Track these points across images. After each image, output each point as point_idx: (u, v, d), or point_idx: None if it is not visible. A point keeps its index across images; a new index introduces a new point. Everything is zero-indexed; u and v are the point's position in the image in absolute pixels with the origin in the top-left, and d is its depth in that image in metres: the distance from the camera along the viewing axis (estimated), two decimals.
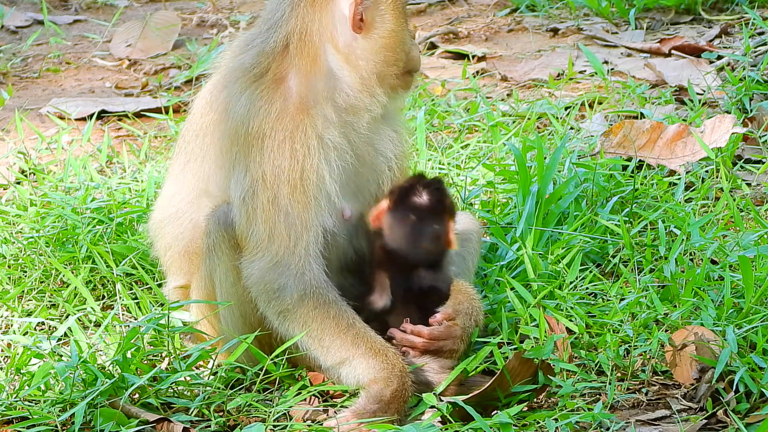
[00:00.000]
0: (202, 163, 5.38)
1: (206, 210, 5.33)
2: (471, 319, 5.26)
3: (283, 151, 5.13)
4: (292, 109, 5.16)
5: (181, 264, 5.49)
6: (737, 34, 8.87)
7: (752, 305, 5.42)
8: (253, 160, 5.15)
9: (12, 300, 5.98)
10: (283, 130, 5.13)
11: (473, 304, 5.29)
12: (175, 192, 5.50)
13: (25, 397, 5.13)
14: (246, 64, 5.24)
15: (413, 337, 5.19)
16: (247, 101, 5.17)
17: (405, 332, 5.21)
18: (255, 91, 5.17)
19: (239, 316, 5.27)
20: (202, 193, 5.40)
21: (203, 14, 10.24)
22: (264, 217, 5.14)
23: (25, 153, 7.55)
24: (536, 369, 5.10)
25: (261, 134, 5.13)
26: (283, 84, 5.19)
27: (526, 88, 8.38)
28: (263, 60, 5.22)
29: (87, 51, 9.57)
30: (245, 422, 5.07)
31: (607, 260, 6.09)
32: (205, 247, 5.27)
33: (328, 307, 5.12)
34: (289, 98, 5.17)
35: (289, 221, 5.14)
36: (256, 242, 5.15)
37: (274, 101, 5.15)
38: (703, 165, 6.90)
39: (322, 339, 5.13)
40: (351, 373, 5.13)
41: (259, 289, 5.16)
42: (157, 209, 5.60)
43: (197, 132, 5.42)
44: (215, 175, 5.33)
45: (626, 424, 4.99)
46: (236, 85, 5.24)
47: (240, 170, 5.19)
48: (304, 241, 5.15)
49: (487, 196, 6.59)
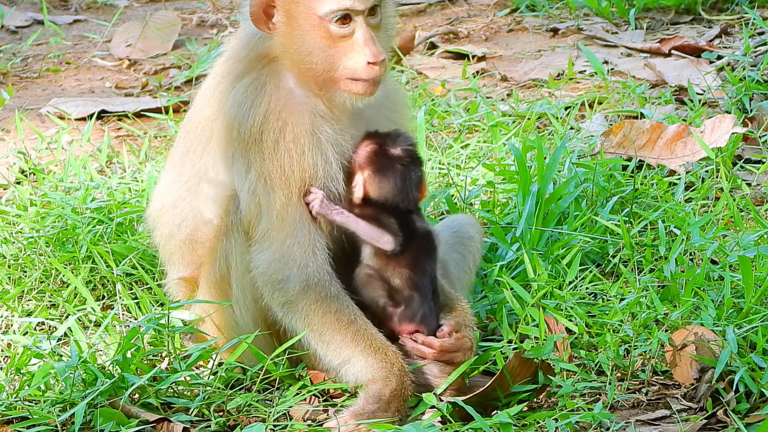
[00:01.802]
0: (203, 153, 5.39)
1: (208, 197, 5.35)
2: (472, 331, 5.28)
3: (279, 150, 5.15)
4: (279, 108, 5.18)
5: (183, 253, 5.49)
6: (737, 34, 8.87)
7: (752, 305, 5.42)
8: (253, 159, 5.18)
9: (12, 300, 5.98)
10: (274, 131, 5.16)
11: (469, 317, 5.32)
12: (173, 180, 5.51)
13: (25, 397, 5.13)
14: (235, 65, 5.29)
15: (425, 348, 5.19)
16: (237, 102, 5.20)
17: (416, 342, 5.21)
18: (244, 92, 5.20)
19: (252, 300, 5.27)
20: (202, 181, 5.40)
21: (203, 14, 10.24)
22: (273, 212, 5.16)
23: (25, 153, 7.54)
24: (536, 369, 5.10)
25: (254, 135, 5.17)
26: (269, 84, 5.21)
27: (526, 88, 8.38)
28: (250, 61, 5.25)
29: (87, 51, 9.57)
30: (245, 422, 5.07)
31: (607, 260, 6.09)
32: (223, 228, 5.29)
33: (330, 300, 5.13)
34: (275, 98, 5.19)
35: (293, 215, 5.16)
36: (263, 233, 5.18)
37: (261, 102, 5.18)
38: (703, 165, 6.89)
39: (322, 333, 5.14)
40: (350, 371, 5.13)
41: (265, 279, 5.19)
42: (154, 199, 5.62)
43: (197, 124, 5.44)
44: (217, 164, 5.34)
45: (626, 424, 4.99)
46: (227, 84, 5.28)
47: (241, 166, 5.22)
48: (307, 233, 5.17)
49: (487, 196, 6.59)
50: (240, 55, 5.33)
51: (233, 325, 5.34)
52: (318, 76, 5.19)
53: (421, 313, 5.21)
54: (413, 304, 5.21)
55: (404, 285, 5.22)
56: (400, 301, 5.22)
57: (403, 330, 5.22)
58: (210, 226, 5.38)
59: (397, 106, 5.48)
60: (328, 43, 5.16)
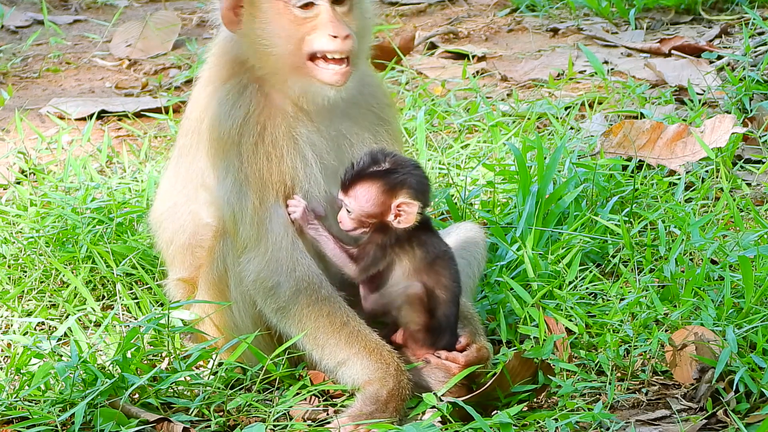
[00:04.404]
0: (195, 158, 5.40)
1: (205, 200, 5.36)
2: (485, 339, 5.28)
3: (257, 154, 5.16)
4: (258, 111, 5.18)
5: (184, 257, 5.50)
6: (737, 34, 8.87)
7: (752, 305, 5.42)
8: (231, 163, 5.20)
9: (12, 300, 5.98)
10: (252, 134, 5.16)
11: (480, 325, 5.33)
12: (171, 185, 5.54)
13: (25, 397, 5.13)
14: (217, 71, 5.33)
15: (450, 363, 5.18)
16: (218, 106, 5.22)
17: (440, 357, 5.19)
18: (225, 96, 5.22)
19: (250, 302, 5.28)
20: (199, 186, 5.41)
21: (203, 14, 10.23)
22: (249, 217, 5.17)
23: (25, 153, 7.54)
24: (536, 369, 5.10)
25: (233, 139, 5.18)
26: (249, 88, 5.23)
27: (526, 88, 8.38)
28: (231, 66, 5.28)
29: (87, 51, 9.57)
30: (245, 422, 5.07)
31: (607, 260, 6.09)
32: (219, 230, 5.29)
33: (322, 303, 5.14)
34: (255, 102, 5.20)
35: (272, 219, 5.17)
36: (245, 241, 5.18)
37: (241, 106, 5.19)
38: (703, 165, 6.89)
39: (316, 337, 5.14)
40: (346, 373, 5.13)
41: (256, 287, 5.20)
42: (156, 203, 5.65)
43: (188, 128, 5.45)
44: (209, 169, 5.35)
45: (626, 424, 4.99)
46: (208, 89, 5.32)
47: (221, 171, 5.24)
48: (290, 237, 5.16)
49: (487, 196, 6.59)
50: (221, 61, 5.35)
51: (232, 327, 5.34)
52: (284, 63, 5.18)
53: (444, 341, 5.20)
54: (443, 335, 5.19)
55: (442, 315, 5.18)
56: (432, 329, 5.19)
57: (420, 354, 5.20)
58: (208, 228, 5.39)
59: (381, 106, 5.47)
60: (292, 27, 5.17)
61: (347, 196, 5.13)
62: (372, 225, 5.14)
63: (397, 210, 5.12)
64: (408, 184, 5.12)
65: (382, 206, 5.12)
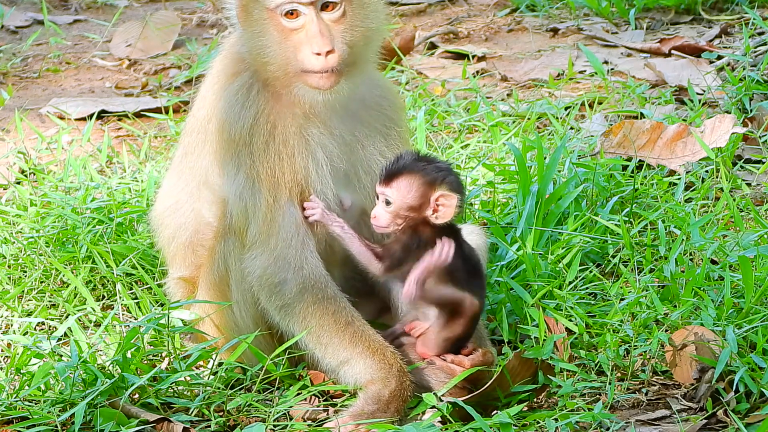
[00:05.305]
0: (200, 156, 5.40)
1: (207, 199, 5.36)
2: (488, 342, 5.28)
3: (269, 152, 5.15)
4: (268, 110, 5.18)
5: (185, 255, 5.50)
6: (737, 34, 8.87)
7: (752, 305, 5.42)
8: (243, 162, 5.19)
9: (12, 300, 5.98)
10: (263, 133, 5.16)
11: (483, 328, 5.33)
12: (174, 183, 5.54)
13: (25, 397, 5.13)
14: (226, 68, 5.30)
15: (455, 366, 5.18)
16: (228, 104, 5.21)
17: (446, 360, 5.19)
18: (235, 94, 5.22)
19: (251, 302, 5.27)
20: (202, 185, 5.41)
21: (203, 14, 10.24)
22: (259, 215, 5.17)
23: (25, 153, 7.54)
24: (536, 369, 5.10)
25: (244, 140, 5.18)
26: (258, 86, 5.22)
27: (526, 88, 8.38)
28: (241, 63, 5.27)
29: (87, 51, 9.57)
30: (245, 422, 5.07)
31: (607, 260, 6.09)
32: (221, 230, 5.29)
33: (327, 302, 5.14)
34: (264, 99, 5.20)
35: (284, 217, 5.17)
36: (254, 238, 5.18)
37: (251, 105, 5.19)
38: (703, 165, 6.89)
39: (320, 336, 5.14)
40: (349, 373, 5.13)
41: (261, 284, 5.19)
42: (158, 200, 5.65)
43: (194, 126, 5.45)
44: (213, 167, 5.35)
45: (626, 424, 4.99)
46: (219, 86, 5.31)
47: (231, 168, 5.23)
48: (301, 236, 5.16)
49: (487, 196, 6.59)
50: (231, 58, 5.34)
51: (233, 327, 5.34)
52: (277, 71, 5.18)
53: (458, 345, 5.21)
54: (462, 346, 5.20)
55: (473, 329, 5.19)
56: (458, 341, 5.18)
57: (426, 355, 5.20)
58: (210, 228, 5.39)
59: (392, 107, 5.47)
60: (281, 37, 5.16)
61: (389, 187, 5.13)
62: (407, 222, 5.15)
63: (436, 204, 5.14)
64: (448, 179, 5.15)
65: (422, 198, 5.13)
